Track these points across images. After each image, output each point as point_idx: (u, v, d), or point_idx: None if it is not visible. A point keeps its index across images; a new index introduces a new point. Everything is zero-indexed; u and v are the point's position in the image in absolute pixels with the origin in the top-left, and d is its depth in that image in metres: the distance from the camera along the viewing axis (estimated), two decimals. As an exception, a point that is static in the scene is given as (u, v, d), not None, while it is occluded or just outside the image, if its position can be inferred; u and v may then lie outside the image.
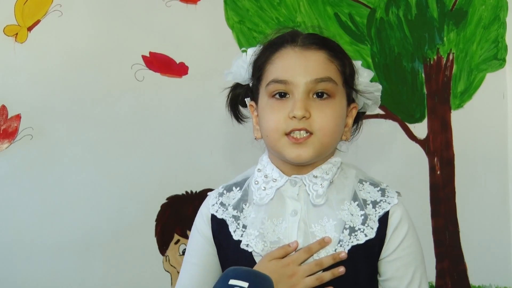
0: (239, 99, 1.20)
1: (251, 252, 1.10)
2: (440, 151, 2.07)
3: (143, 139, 1.89)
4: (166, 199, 1.91)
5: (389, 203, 1.10)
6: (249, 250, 1.10)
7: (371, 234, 1.07)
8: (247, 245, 1.10)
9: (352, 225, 1.08)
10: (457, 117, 2.07)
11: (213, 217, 1.17)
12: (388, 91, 2.02)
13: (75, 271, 1.83)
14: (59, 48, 1.83)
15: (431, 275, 2.04)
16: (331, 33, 1.75)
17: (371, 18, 2.02)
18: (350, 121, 1.16)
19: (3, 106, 1.80)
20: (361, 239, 1.07)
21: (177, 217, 1.91)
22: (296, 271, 1.06)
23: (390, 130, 2.04)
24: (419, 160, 2.06)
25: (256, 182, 1.13)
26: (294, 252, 1.08)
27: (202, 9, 1.93)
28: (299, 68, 1.08)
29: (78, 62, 1.84)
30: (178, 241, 1.92)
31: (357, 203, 1.09)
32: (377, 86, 1.17)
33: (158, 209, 1.90)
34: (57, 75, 1.83)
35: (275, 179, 1.12)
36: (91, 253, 1.84)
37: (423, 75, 2.05)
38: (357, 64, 1.16)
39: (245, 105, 1.20)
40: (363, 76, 1.15)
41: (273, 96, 1.09)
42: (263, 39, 1.17)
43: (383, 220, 1.08)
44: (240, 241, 1.11)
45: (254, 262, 1.10)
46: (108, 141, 1.86)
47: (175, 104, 1.91)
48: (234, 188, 1.18)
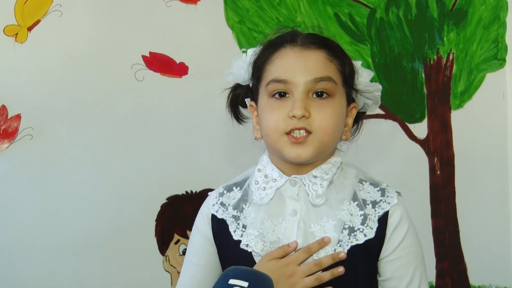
0: (239, 99, 1.21)
1: (250, 252, 1.10)
2: (440, 151, 2.07)
3: (143, 139, 1.89)
4: (166, 199, 1.91)
5: (388, 203, 1.10)
6: (249, 250, 1.10)
7: (371, 234, 1.07)
8: (247, 245, 1.10)
9: (351, 225, 1.08)
10: (457, 117, 2.07)
11: (213, 217, 1.17)
12: (388, 91, 2.02)
13: (75, 271, 1.83)
14: (59, 48, 1.83)
15: (431, 275, 2.03)
16: (331, 33, 1.74)
17: (371, 18, 2.02)
18: (350, 120, 1.16)
19: (3, 106, 1.80)
20: (361, 239, 1.07)
21: (177, 217, 1.91)
22: (296, 271, 1.06)
23: (390, 130, 2.04)
24: (419, 160, 2.06)
25: (256, 182, 1.13)
26: (293, 252, 1.08)
27: (202, 9, 1.93)
28: (298, 67, 1.08)
29: (78, 62, 1.84)
30: (178, 241, 1.92)
31: (356, 203, 1.09)
32: (377, 86, 1.17)
33: (158, 209, 1.90)
34: (57, 75, 1.83)
35: (275, 179, 1.12)
36: (91, 253, 1.84)
37: (423, 75, 2.05)
38: (357, 64, 1.15)
39: (245, 106, 1.20)
40: (363, 76, 1.15)
41: (273, 95, 1.09)
42: (262, 39, 1.17)
43: (383, 220, 1.08)
44: (240, 241, 1.11)
45: (254, 262, 1.10)
46: (108, 141, 1.86)
47: (175, 104, 1.91)
48: (234, 188, 1.18)
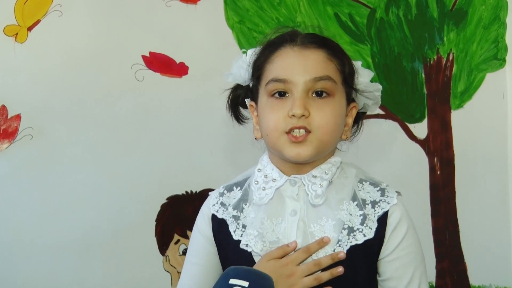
0: (239, 100, 1.21)
1: (250, 252, 1.10)
2: (440, 151, 2.07)
3: (143, 139, 1.89)
4: (166, 199, 1.91)
5: (388, 203, 1.10)
6: (249, 250, 1.10)
7: (370, 234, 1.07)
8: (247, 245, 1.10)
9: (350, 225, 1.07)
10: (457, 117, 2.07)
11: (213, 217, 1.17)
12: (388, 91, 2.02)
13: (75, 271, 1.83)
14: (59, 48, 1.83)
15: (431, 275, 2.03)
16: (331, 33, 1.75)
17: (371, 18, 2.02)
18: (350, 120, 1.15)
19: (3, 106, 1.80)
20: (360, 239, 1.07)
21: (177, 217, 1.91)
22: (295, 271, 1.06)
23: (390, 130, 2.04)
24: (419, 160, 2.06)
25: (256, 182, 1.13)
26: (293, 252, 1.08)
27: (202, 9, 1.93)
28: (298, 67, 1.08)
29: (78, 62, 1.84)
30: (178, 241, 1.92)
31: (356, 203, 1.09)
32: (377, 86, 1.17)
33: (158, 209, 1.90)
34: (57, 75, 1.83)
35: (275, 179, 1.12)
36: (91, 253, 1.84)
37: (423, 75, 2.05)
38: (357, 65, 1.15)
39: (245, 106, 1.20)
40: (363, 76, 1.15)
41: (273, 95, 1.09)
42: (262, 39, 1.17)
43: (382, 220, 1.08)
44: (239, 241, 1.11)
45: (253, 262, 1.10)
46: (108, 141, 1.86)
47: (175, 104, 1.91)
48: (234, 188, 1.18)
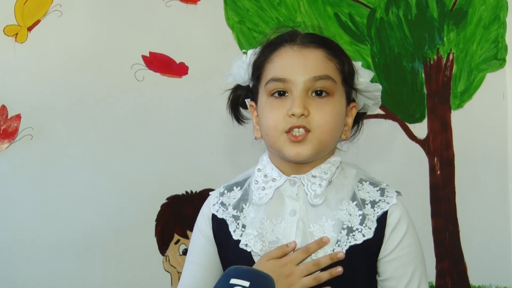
0: (239, 100, 1.21)
1: (250, 252, 1.10)
2: (440, 151, 2.07)
3: (143, 139, 1.89)
4: (166, 199, 1.91)
5: (388, 203, 1.09)
6: (248, 250, 1.10)
7: (369, 234, 1.07)
8: (246, 244, 1.10)
9: (350, 225, 1.07)
10: (457, 117, 2.07)
11: (213, 216, 1.17)
12: (388, 91, 2.02)
13: (75, 271, 1.83)
14: (59, 48, 1.83)
15: (431, 275, 2.03)
16: (331, 33, 1.75)
17: (371, 18, 2.02)
18: (350, 120, 1.15)
19: (3, 106, 1.80)
20: (359, 239, 1.07)
21: (177, 217, 1.91)
22: (294, 271, 1.06)
23: (390, 130, 2.04)
24: (419, 160, 2.06)
25: (256, 182, 1.13)
26: (292, 252, 1.08)
27: (202, 9, 1.93)
28: (297, 66, 1.08)
29: (78, 62, 1.84)
30: (178, 241, 1.92)
31: (355, 203, 1.09)
32: (377, 86, 1.17)
33: (158, 209, 1.90)
34: (57, 75, 1.83)
35: (275, 179, 1.12)
36: (91, 253, 1.84)
37: (423, 75, 2.05)
38: (357, 65, 1.15)
39: (245, 107, 1.20)
40: (364, 76, 1.15)
41: (272, 94, 1.09)
42: (262, 38, 1.17)
43: (382, 220, 1.08)
44: (239, 241, 1.11)
45: (253, 262, 1.10)
46: (108, 141, 1.86)
47: (175, 104, 1.91)
48: (235, 188, 1.18)
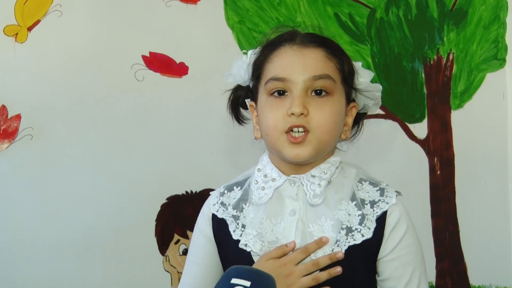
0: (240, 101, 1.21)
1: (249, 252, 1.10)
2: (440, 151, 2.07)
3: (143, 139, 1.89)
4: (166, 199, 1.91)
5: (387, 203, 1.09)
6: (247, 249, 1.10)
7: (368, 234, 1.07)
8: (246, 244, 1.10)
9: (349, 225, 1.07)
10: (457, 117, 2.07)
11: (214, 216, 1.17)
12: (388, 91, 2.02)
13: (75, 271, 1.83)
14: (59, 48, 1.83)
15: (431, 275, 2.03)
16: (331, 33, 1.75)
17: (371, 18, 2.02)
18: (349, 120, 1.15)
19: (3, 106, 1.80)
20: (358, 239, 1.07)
21: (177, 217, 1.91)
22: (293, 271, 1.06)
23: (390, 130, 2.04)
24: (419, 160, 2.06)
25: (256, 182, 1.13)
26: (291, 252, 1.08)
27: (202, 9, 1.93)
28: (297, 65, 1.08)
29: (78, 62, 1.84)
30: (178, 241, 1.92)
31: (354, 203, 1.09)
32: (378, 87, 1.17)
33: (158, 209, 1.90)
34: (57, 75, 1.83)
35: (274, 179, 1.12)
36: (91, 253, 1.84)
37: (423, 75, 2.05)
38: (358, 65, 1.15)
39: (246, 107, 1.21)
40: (364, 77, 1.15)
41: (272, 94, 1.09)
42: (262, 38, 1.17)
43: (381, 220, 1.08)
44: (239, 241, 1.11)
45: (252, 262, 1.10)
46: (108, 141, 1.86)
47: (175, 104, 1.91)
48: (235, 188, 1.18)
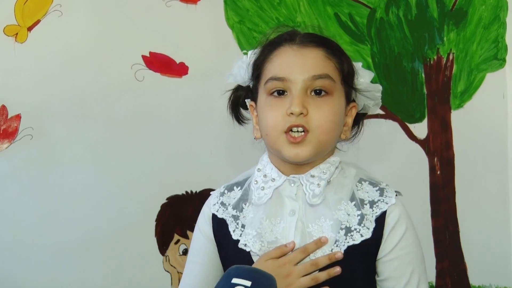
0: (240, 101, 1.21)
1: (249, 252, 1.11)
2: (440, 151, 2.07)
3: (143, 139, 1.89)
4: (166, 199, 1.91)
5: (386, 203, 1.09)
6: (247, 249, 1.10)
7: (367, 234, 1.07)
8: (245, 244, 1.11)
9: (348, 225, 1.07)
10: (457, 117, 2.07)
11: (214, 216, 1.17)
12: (388, 91, 2.02)
13: (75, 271, 1.83)
14: (59, 48, 1.83)
15: (431, 275, 2.03)
16: (331, 33, 1.75)
17: (371, 18, 2.02)
18: (349, 120, 1.15)
19: (3, 106, 1.80)
20: (357, 239, 1.07)
21: (177, 217, 1.91)
22: (292, 271, 1.06)
23: (390, 130, 2.04)
24: (419, 160, 2.06)
25: (255, 182, 1.14)
26: (291, 252, 1.08)
27: (202, 9, 1.93)
28: (296, 65, 1.08)
29: (78, 62, 1.84)
30: (178, 241, 1.92)
31: (354, 203, 1.09)
32: (378, 87, 1.17)
33: (158, 209, 1.90)
34: (57, 75, 1.83)
35: (274, 179, 1.12)
36: (91, 253, 1.84)
37: (423, 75, 2.05)
38: (358, 66, 1.15)
39: (246, 107, 1.21)
40: (364, 77, 1.15)
41: (271, 94, 1.09)
42: (262, 38, 1.17)
43: (380, 220, 1.08)
44: (239, 241, 1.11)
45: (252, 262, 1.10)
46: (108, 141, 1.86)
47: (175, 104, 1.91)
48: (235, 188, 1.18)
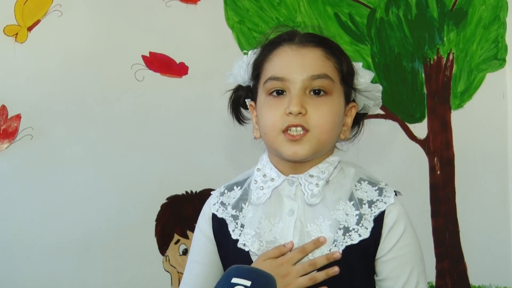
0: (240, 101, 1.21)
1: (248, 252, 1.10)
2: (440, 151, 2.07)
3: (143, 139, 1.89)
4: (166, 199, 1.91)
5: (385, 202, 1.09)
6: (246, 249, 1.10)
7: (365, 234, 1.07)
8: (244, 244, 1.11)
9: (346, 225, 1.07)
10: (457, 117, 2.07)
11: (213, 216, 1.17)
12: (388, 91, 2.02)
13: (75, 271, 1.83)
14: (59, 48, 1.83)
15: (431, 275, 2.03)
16: (331, 33, 1.75)
17: (371, 18, 2.02)
18: (349, 120, 1.15)
19: (3, 106, 1.80)
20: (355, 239, 1.06)
21: (177, 217, 1.91)
22: (290, 271, 1.06)
23: (390, 130, 2.04)
24: (419, 160, 2.06)
25: (255, 182, 1.14)
26: (289, 252, 1.08)
27: (202, 9, 1.93)
28: (295, 65, 1.08)
29: (78, 62, 1.84)
30: (178, 241, 1.92)
31: (352, 202, 1.09)
32: (377, 87, 1.17)
33: (158, 209, 1.90)
34: (57, 75, 1.83)
35: (273, 179, 1.12)
36: (91, 253, 1.84)
37: (423, 75, 2.05)
38: (358, 66, 1.15)
39: (246, 107, 1.21)
40: (364, 78, 1.15)
41: (271, 93, 1.09)
42: (261, 37, 1.17)
43: (379, 220, 1.08)
44: (238, 240, 1.11)
45: (251, 261, 1.10)
46: (108, 141, 1.86)
47: (175, 104, 1.91)
48: (235, 188, 1.18)
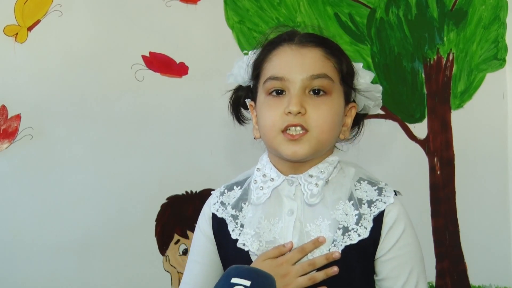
0: (240, 101, 1.21)
1: (247, 251, 1.10)
2: (440, 151, 2.07)
3: (143, 139, 1.89)
4: (166, 199, 1.91)
5: (384, 202, 1.09)
6: (245, 249, 1.10)
7: (365, 234, 1.06)
8: (244, 244, 1.11)
9: (345, 225, 1.07)
10: (457, 117, 2.07)
11: (213, 216, 1.17)
12: (388, 91, 2.02)
13: (75, 271, 1.83)
14: (59, 48, 1.83)
15: (431, 275, 2.03)
16: (331, 33, 1.75)
17: (371, 18, 2.02)
18: (349, 120, 1.15)
19: (3, 106, 1.80)
20: (354, 239, 1.06)
21: (177, 217, 1.91)
22: (289, 271, 1.06)
23: (390, 130, 2.04)
24: (419, 160, 2.06)
25: (255, 182, 1.14)
26: (288, 251, 1.08)
27: (202, 9, 1.93)
28: (295, 65, 1.08)
29: (78, 62, 1.85)
30: (178, 241, 1.92)
31: (352, 202, 1.09)
32: (378, 87, 1.17)
33: (158, 209, 1.90)
34: (57, 75, 1.83)
35: (273, 179, 1.12)
36: (91, 253, 1.84)
37: (423, 75, 2.05)
38: (358, 66, 1.15)
39: (247, 107, 1.21)
40: (364, 78, 1.15)
41: (270, 93, 1.09)
42: (261, 37, 1.17)
43: (378, 220, 1.08)
44: (237, 240, 1.11)
45: (251, 261, 1.10)
46: (108, 141, 1.86)
47: (175, 104, 1.91)
48: (235, 187, 1.18)
